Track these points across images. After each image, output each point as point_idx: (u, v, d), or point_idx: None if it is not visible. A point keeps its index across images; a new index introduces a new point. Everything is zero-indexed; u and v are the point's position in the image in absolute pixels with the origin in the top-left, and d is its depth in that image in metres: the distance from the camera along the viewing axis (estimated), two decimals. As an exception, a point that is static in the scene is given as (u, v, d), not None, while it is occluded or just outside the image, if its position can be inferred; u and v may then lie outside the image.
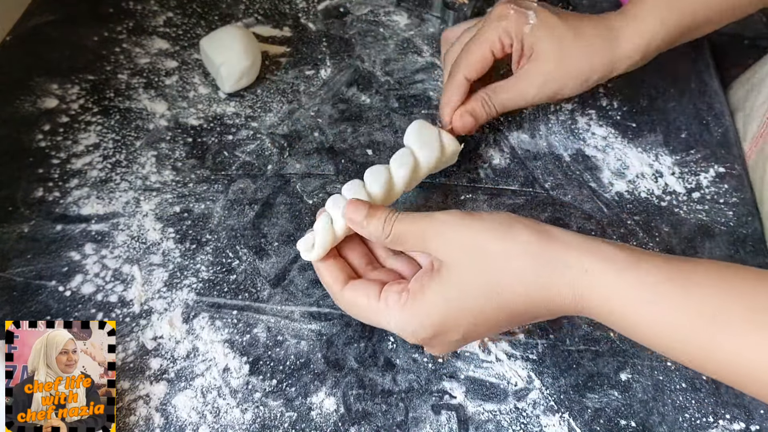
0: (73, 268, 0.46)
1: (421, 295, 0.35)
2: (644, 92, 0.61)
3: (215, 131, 0.55)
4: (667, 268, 0.32)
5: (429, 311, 0.35)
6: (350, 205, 0.38)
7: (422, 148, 0.46)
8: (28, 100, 0.55)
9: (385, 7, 0.67)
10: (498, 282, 0.33)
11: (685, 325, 0.30)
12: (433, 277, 0.35)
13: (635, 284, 0.31)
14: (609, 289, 0.32)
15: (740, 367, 0.30)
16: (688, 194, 0.54)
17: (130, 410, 0.40)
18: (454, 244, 0.34)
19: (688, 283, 0.31)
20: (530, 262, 0.33)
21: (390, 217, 0.37)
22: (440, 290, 0.34)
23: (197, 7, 0.65)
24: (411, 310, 0.35)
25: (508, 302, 0.33)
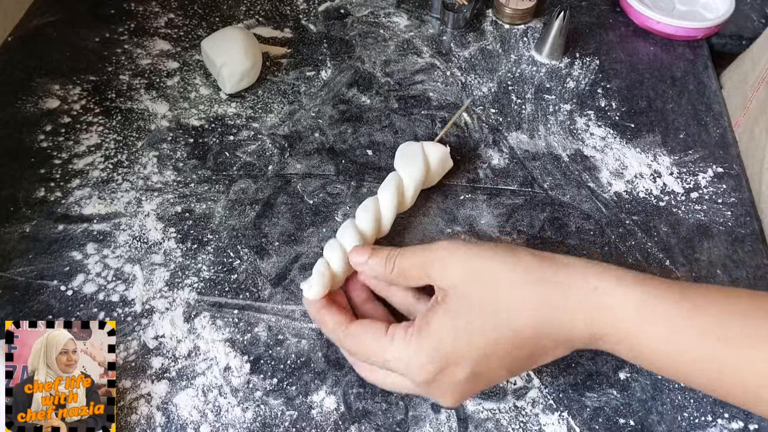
0: (74, 268, 0.46)
1: (427, 327, 0.34)
2: (643, 93, 0.62)
3: (216, 132, 0.55)
4: (673, 290, 0.32)
5: (437, 343, 0.33)
6: (353, 251, 0.40)
7: (406, 167, 0.48)
8: (30, 101, 0.56)
9: (385, 8, 0.67)
10: (506, 308, 0.32)
11: (690, 346, 0.30)
12: (438, 308, 0.34)
13: (642, 306, 0.31)
14: (618, 310, 0.31)
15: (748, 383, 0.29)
16: (687, 194, 0.54)
17: (132, 409, 0.40)
18: (457, 271, 0.34)
19: (692, 306, 0.31)
20: (537, 286, 0.32)
21: (391, 255, 0.37)
22: (446, 319, 0.33)
23: (198, 8, 0.65)
24: (418, 343, 0.33)
25: (517, 331, 0.32)
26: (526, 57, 0.64)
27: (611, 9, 0.70)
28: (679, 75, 0.64)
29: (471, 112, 0.59)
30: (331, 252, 0.42)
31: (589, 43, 0.66)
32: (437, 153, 0.50)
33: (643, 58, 0.65)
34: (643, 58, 0.65)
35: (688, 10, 0.67)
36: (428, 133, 0.57)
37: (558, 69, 0.63)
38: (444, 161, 0.50)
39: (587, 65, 0.64)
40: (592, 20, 0.68)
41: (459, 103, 0.60)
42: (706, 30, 0.66)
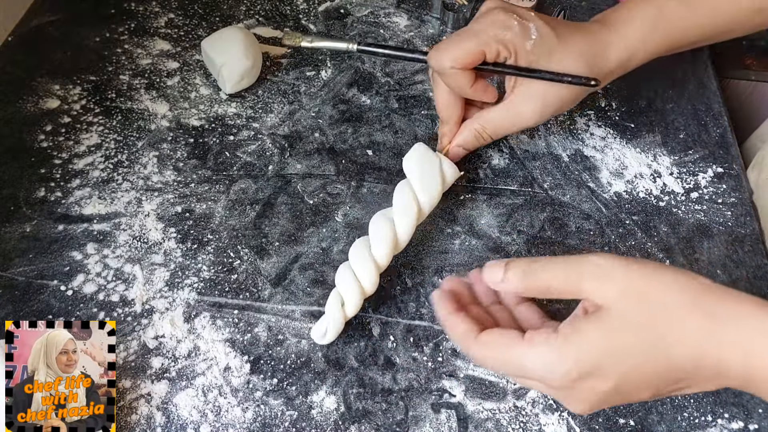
0: (74, 268, 0.46)
1: (577, 335, 0.31)
2: (643, 93, 0.62)
3: (216, 132, 0.55)
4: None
5: (585, 353, 0.31)
6: (487, 270, 0.36)
7: (424, 188, 0.46)
8: (30, 101, 0.56)
9: (385, 8, 0.67)
10: (665, 337, 0.30)
11: None
12: (590, 319, 0.32)
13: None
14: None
15: None
16: (687, 194, 0.54)
17: (132, 409, 0.40)
18: (616, 289, 0.31)
19: None
20: (702, 316, 0.30)
21: (532, 268, 0.34)
22: (599, 334, 0.31)
23: (199, 8, 0.65)
24: (564, 348, 0.31)
25: (674, 361, 0.30)
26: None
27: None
28: (679, 75, 0.64)
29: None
30: (347, 290, 0.42)
31: (589, 43, 0.66)
32: (451, 174, 0.48)
33: (643, 58, 0.65)
34: (643, 58, 0.65)
35: (688, 10, 0.67)
36: (428, 133, 0.57)
37: (558, 69, 0.63)
38: (450, 184, 0.49)
39: (587, 65, 0.64)
40: (593, 20, 0.68)
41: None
42: (707, 30, 0.66)
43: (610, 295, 0.31)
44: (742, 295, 0.31)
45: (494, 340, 0.34)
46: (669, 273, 0.32)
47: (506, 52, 0.44)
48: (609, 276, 0.32)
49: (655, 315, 0.30)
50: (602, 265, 0.32)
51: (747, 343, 0.29)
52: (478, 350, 0.35)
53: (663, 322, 0.30)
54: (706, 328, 0.30)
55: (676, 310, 0.30)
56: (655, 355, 0.30)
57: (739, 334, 0.29)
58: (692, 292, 0.31)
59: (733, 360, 0.30)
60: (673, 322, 0.30)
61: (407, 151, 0.48)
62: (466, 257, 0.49)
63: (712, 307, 0.30)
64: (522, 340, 0.33)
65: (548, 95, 0.46)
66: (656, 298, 0.31)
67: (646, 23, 0.46)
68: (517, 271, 0.34)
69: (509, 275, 0.35)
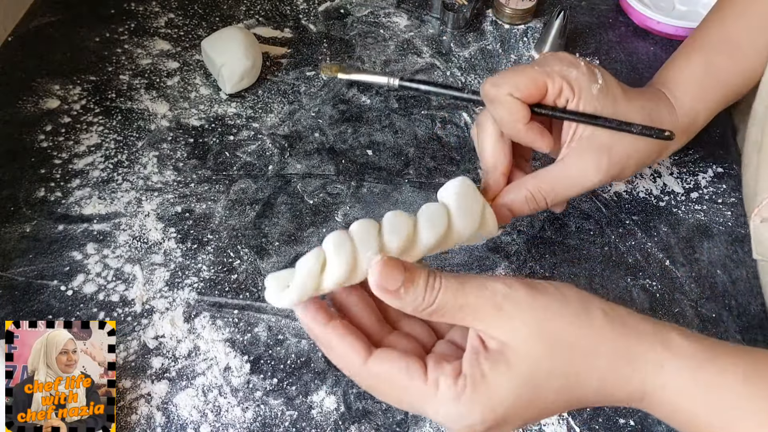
0: (74, 268, 0.46)
1: (485, 385, 0.29)
2: (643, 93, 0.62)
3: (216, 132, 0.55)
4: (741, 365, 0.30)
5: (495, 405, 0.29)
6: (384, 268, 0.29)
7: (461, 216, 0.35)
8: (30, 101, 0.56)
9: (385, 8, 0.67)
10: (576, 378, 0.30)
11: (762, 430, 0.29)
12: (497, 363, 0.29)
13: (711, 385, 0.29)
14: (683, 388, 0.29)
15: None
16: (687, 194, 0.54)
17: (132, 409, 0.40)
18: (525, 328, 0.29)
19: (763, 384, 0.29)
20: (611, 358, 0.30)
21: (432, 284, 0.30)
22: (510, 382, 0.29)
23: (198, 8, 0.65)
24: (471, 402, 0.29)
25: (579, 397, 0.30)
26: (526, 57, 0.64)
27: (611, 9, 0.70)
28: (679, 75, 0.64)
29: (471, 112, 0.59)
30: (337, 253, 0.31)
31: (589, 43, 0.66)
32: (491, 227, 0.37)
33: (643, 58, 0.65)
34: (643, 58, 0.65)
35: (688, 10, 0.67)
36: (428, 133, 0.57)
37: (558, 69, 0.63)
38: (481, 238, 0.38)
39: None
40: (592, 20, 0.68)
41: (459, 104, 0.60)
42: (706, 30, 0.66)
43: (515, 334, 0.29)
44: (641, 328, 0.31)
45: (389, 373, 0.29)
46: (577, 307, 0.30)
47: (570, 92, 0.39)
48: (514, 313, 0.30)
49: (568, 361, 0.29)
50: (508, 298, 0.30)
51: (650, 382, 0.30)
52: (368, 382, 0.30)
53: (574, 368, 0.30)
54: (612, 370, 0.30)
55: (586, 354, 0.30)
56: (566, 399, 0.30)
57: (644, 374, 0.30)
58: (600, 332, 0.30)
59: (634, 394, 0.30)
60: (583, 366, 0.30)
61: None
62: (465, 257, 0.49)
63: (620, 351, 0.30)
64: (424, 381, 0.29)
65: (615, 149, 0.39)
66: (568, 340, 0.30)
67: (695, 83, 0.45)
68: (418, 288, 0.29)
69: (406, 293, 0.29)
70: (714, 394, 0.29)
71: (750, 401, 0.29)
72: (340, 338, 0.30)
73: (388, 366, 0.30)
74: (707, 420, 0.30)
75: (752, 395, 0.29)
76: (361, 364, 0.30)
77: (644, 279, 0.49)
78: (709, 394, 0.29)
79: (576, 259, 0.49)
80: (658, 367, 0.30)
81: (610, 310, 0.31)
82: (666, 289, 0.48)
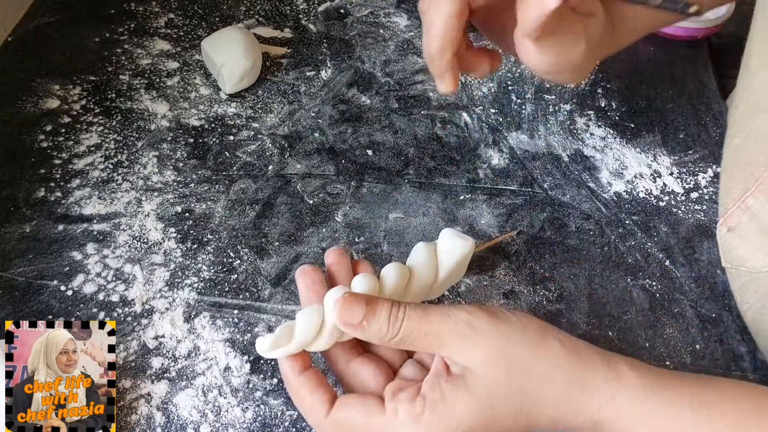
0: (74, 268, 0.46)
1: (444, 406, 0.30)
2: (643, 93, 0.62)
3: (216, 132, 0.55)
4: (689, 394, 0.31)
5: (453, 426, 0.30)
6: (345, 303, 0.31)
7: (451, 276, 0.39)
8: (30, 101, 0.56)
9: (385, 8, 0.67)
10: (531, 402, 0.31)
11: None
12: (457, 386, 0.30)
13: (660, 413, 0.30)
14: (634, 418, 0.30)
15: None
16: (687, 194, 0.54)
17: (132, 409, 0.40)
18: (486, 354, 0.30)
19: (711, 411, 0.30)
20: (564, 386, 0.31)
21: (396, 314, 0.31)
22: (469, 403, 0.30)
23: (198, 8, 0.65)
24: (430, 423, 0.29)
25: (534, 422, 0.31)
26: (526, 57, 0.64)
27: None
28: (679, 75, 0.64)
29: (471, 112, 0.59)
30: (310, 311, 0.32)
31: (589, 43, 0.66)
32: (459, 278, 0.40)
33: (643, 58, 0.65)
34: (643, 58, 0.65)
35: (688, 10, 0.67)
36: (428, 133, 0.57)
37: (558, 69, 0.63)
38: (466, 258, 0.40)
39: (587, 65, 0.64)
40: (592, 20, 0.68)
41: (459, 103, 0.60)
42: (706, 30, 0.66)
43: (477, 359, 0.30)
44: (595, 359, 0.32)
45: (349, 418, 0.30)
46: (535, 335, 0.32)
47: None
48: (476, 339, 0.31)
49: (525, 385, 0.30)
50: (470, 325, 0.31)
51: (602, 412, 0.31)
52: (331, 428, 0.31)
53: (531, 392, 0.31)
54: (567, 398, 0.31)
55: (543, 380, 0.31)
56: (521, 422, 0.31)
57: (597, 404, 0.31)
58: (555, 359, 0.31)
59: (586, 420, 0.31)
60: (540, 392, 0.31)
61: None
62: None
63: (574, 379, 0.31)
64: (383, 413, 0.30)
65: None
66: (525, 365, 0.31)
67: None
68: (381, 319, 0.30)
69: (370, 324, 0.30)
70: (662, 423, 0.30)
71: (695, 428, 0.30)
72: (310, 391, 0.31)
73: (347, 411, 0.31)
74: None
75: (698, 423, 0.30)
76: (323, 416, 0.31)
77: (644, 279, 0.49)
78: (656, 422, 0.31)
79: (576, 259, 0.49)
80: (611, 398, 0.31)
81: (567, 341, 0.32)
82: (666, 289, 0.48)
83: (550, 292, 0.47)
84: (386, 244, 0.49)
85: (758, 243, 0.42)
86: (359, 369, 0.33)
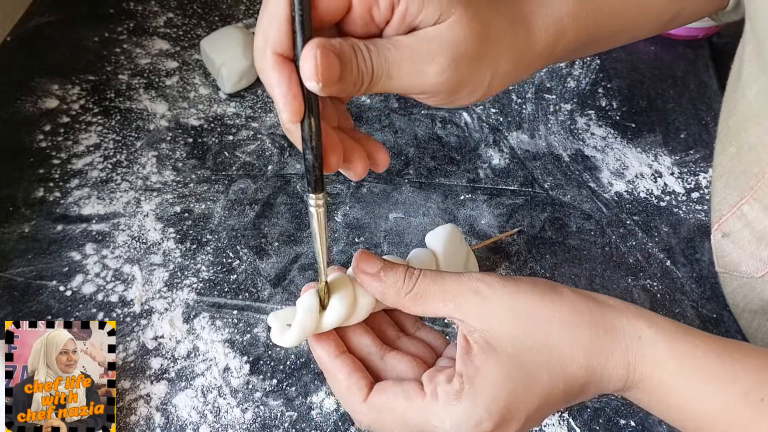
0: (73, 268, 0.46)
1: (480, 377, 0.29)
2: (643, 93, 0.62)
3: (216, 131, 0.55)
4: (714, 343, 0.30)
5: (495, 394, 0.29)
6: (362, 254, 0.31)
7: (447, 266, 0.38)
8: (29, 101, 0.55)
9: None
10: (559, 351, 0.30)
11: (733, 406, 0.29)
12: (486, 353, 0.29)
13: (686, 358, 0.29)
14: (661, 360, 0.30)
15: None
16: (688, 194, 0.54)
17: (131, 410, 0.40)
18: (499, 309, 0.30)
19: (735, 362, 0.30)
20: (588, 330, 0.30)
21: (411, 271, 0.31)
22: (501, 366, 0.29)
23: (198, 7, 0.65)
24: (472, 398, 0.29)
25: (571, 374, 0.30)
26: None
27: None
28: (680, 75, 0.63)
29: (471, 112, 0.59)
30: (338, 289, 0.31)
31: (590, 43, 0.66)
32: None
33: (643, 58, 0.65)
34: (644, 57, 0.65)
35: (688, 9, 0.67)
36: (428, 133, 0.57)
37: (559, 68, 0.63)
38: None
39: (588, 65, 0.64)
40: (593, 20, 0.68)
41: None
42: (707, 30, 0.66)
43: (493, 318, 0.30)
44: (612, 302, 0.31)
45: (388, 402, 0.30)
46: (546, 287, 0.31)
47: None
48: (494, 300, 0.30)
49: (547, 333, 0.30)
50: (482, 282, 0.30)
51: (631, 353, 0.30)
52: (368, 416, 0.31)
53: (555, 339, 0.30)
54: (594, 341, 0.30)
55: (564, 325, 0.30)
56: (556, 374, 0.30)
57: (624, 344, 0.30)
58: (573, 305, 0.30)
59: (618, 369, 0.30)
60: (564, 338, 0.30)
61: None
62: (466, 257, 0.49)
63: (596, 321, 0.30)
64: (423, 396, 0.29)
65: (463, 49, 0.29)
66: (543, 314, 0.30)
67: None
68: (398, 272, 0.30)
69: (386, 275, 0.30)
70: (688, 365, 0.30)
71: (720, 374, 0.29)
72: (347, 374, 0.31)
73: (386, 396, 0.30)
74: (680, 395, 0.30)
75: (723, 370, 0.29)
76: (361, 401, 0.30)
77: (645, 279, 0.48)
78: (683, 365, 0.30)
79: (577, 259, 0.49)
80: (636, 339, 0.30)
81: (577, 290, 0.31)
82: (667, 289, 0.48)
83: (551, 293, 0.47)
84: (386, 244, 0.49)
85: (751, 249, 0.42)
86: (396, 363, 0.32)
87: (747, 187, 0.42)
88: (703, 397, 0.29)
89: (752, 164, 0.41)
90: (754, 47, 0.40)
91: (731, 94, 0.45)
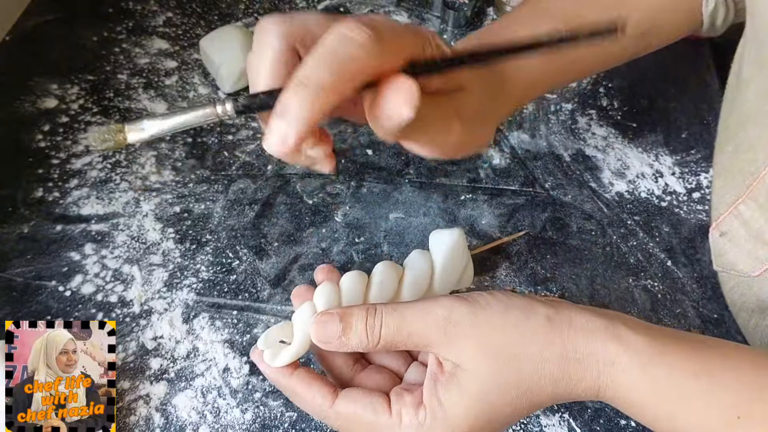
0: (73, 269, 0.46)
1: (442, 412, 0.30)
2: (644, 92, 0.61)
3: (215, 131, 0.55)
4: (692, 360, 0.30)
5: (456, 426, 0.30)
6: (319, 324, 0.31)
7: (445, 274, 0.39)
8: (28, 100, 0.55)
9: (385, 6, 0.67)
10: (528, 386, 0.30)
11: (708, 425, 0.29)
12: (450, 388, 0.30)
13: (661, 380, 0.30)
14: (634, 383, 0.30)
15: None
16: (689, 194, 0.54)
17: (131, 410, 0.40)
18: (469, 344, 0.30)
19: (713, 380, 0.30)
20: (560, 363, 0.30)
21: (372, 323, 0.30)
22: (464, 404, 0.30)
23: (197, 6, 0.65)
24: (432, 428, 0.30)
25: (537, 403, 0.31)
26: (526, 56, 0.64)
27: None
28: (681, 74, 0.63)
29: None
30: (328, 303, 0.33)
31: (590, 42, 0.65)
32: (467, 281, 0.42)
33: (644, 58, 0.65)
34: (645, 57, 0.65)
35: (689, 8, 0.67)
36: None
37: (559, 68, 0.63)
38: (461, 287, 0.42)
39: (588, 64, 0.64)
40: (593, 19, 0.68)
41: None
42: (708, 28, 0.66)
43: (463, 353, 0.30)
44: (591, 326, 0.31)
45: (356, 412, 0.31)
46: (518, 316, 0.31)
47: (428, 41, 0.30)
48: (459, 331, 0.30)
49: (517, 372, 0.30)
50: (448, 317, 0.30)
51: (602, 378, 0.30)
52: (336, 421, 0.31)
53: (525, 377, 0.30)
54: (564, 374, 0.30)
55: (534, 361, 0.30)
56: (521, 409, 0.31)
57: (596, 371, 0.30)
58: (545, 337, 0.30)
59: (589, 391, 0.31)
60: (533, 375, 0.30)
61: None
62: (466, 257, 0.49)
63: (568, 353, 0.30)
64: (389, 415, 0.30)
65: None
66: (513, 351, 0.30)
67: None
68: (358, 329, 0.30)
69: (348, 338, 0.30)
70: (662, 389, 0.30)
71: (696, 396, 0.30)
72: (306, 386, 0.31)
73: (354, 406, 0.31)
74: (654, 414, 0.30)
75: (699, 391, 0.30)
76: (328, 406, 0.31)
77: (646, 279, 0.48)
78: (657, 389, 0.30)
79: (577, 259, 0.49)
80: (610, 364, 0.30)
81: (554, 314, 0.31)
82: (668, 289, 0.48)
83: (552, 293, 0.47)
84: (386, 245, 0.49)
85: (748, 248, 0.42)
86: (366, 380, 0.34)
87: (743, 186, 0.42)
88: (676, 417, 0.30)
89: (749, 163, 0.41)
90: (754, 47, 0.40)
91: (731, 93, 0.45)
